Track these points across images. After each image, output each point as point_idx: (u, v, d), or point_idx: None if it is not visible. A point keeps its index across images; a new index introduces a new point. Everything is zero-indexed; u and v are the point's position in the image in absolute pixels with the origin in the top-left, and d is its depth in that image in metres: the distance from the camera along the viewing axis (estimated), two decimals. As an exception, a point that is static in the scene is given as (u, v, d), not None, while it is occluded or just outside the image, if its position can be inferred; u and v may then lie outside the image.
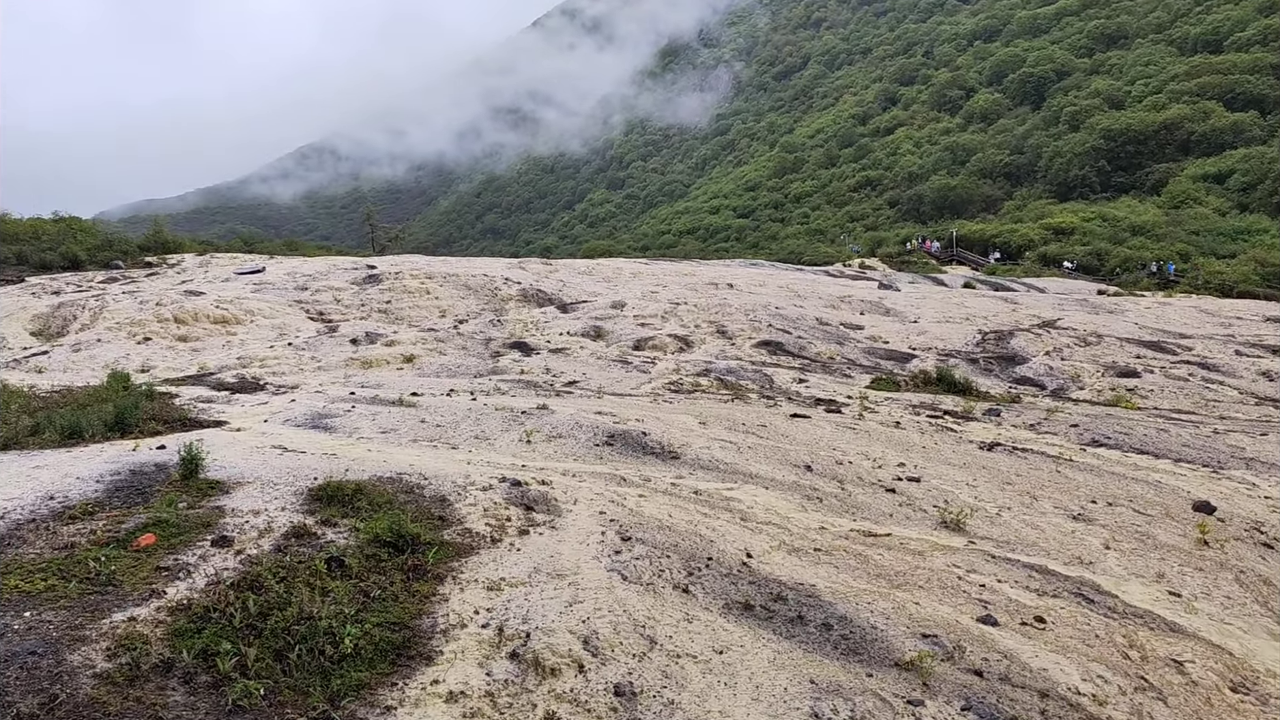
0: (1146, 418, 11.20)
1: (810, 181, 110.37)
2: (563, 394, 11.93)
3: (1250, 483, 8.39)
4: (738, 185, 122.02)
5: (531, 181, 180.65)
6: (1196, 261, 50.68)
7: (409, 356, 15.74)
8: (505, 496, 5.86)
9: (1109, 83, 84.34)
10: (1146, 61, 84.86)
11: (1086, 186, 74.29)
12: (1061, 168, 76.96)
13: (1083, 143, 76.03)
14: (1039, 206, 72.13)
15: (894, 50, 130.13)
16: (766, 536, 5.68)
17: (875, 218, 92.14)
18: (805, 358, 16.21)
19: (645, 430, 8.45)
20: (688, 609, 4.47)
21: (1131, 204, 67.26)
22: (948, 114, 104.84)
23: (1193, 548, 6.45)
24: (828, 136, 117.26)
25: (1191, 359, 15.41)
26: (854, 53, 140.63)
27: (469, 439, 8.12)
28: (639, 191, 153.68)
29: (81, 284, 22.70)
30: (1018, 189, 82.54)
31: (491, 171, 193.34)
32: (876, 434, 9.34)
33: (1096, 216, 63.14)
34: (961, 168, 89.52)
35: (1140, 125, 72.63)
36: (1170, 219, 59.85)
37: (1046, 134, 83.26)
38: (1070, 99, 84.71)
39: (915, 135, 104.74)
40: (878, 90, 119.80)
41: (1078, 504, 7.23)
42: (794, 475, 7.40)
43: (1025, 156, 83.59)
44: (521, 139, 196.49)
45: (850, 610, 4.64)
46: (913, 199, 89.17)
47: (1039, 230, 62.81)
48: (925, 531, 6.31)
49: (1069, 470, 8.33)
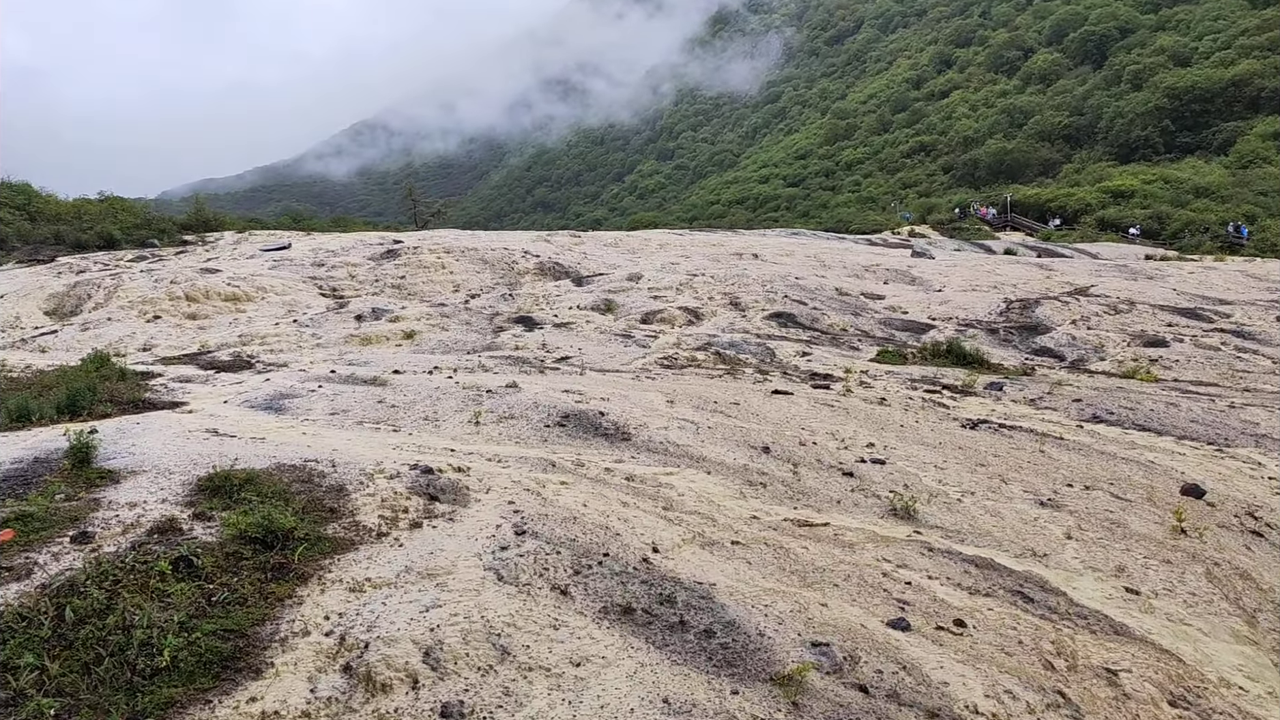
0: (1160, 390, 10.50)
1: (862, 148, 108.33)
2: (547, 370, 11.60)
3: (1256, 462, 7.74)
4: (788, 154, 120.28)
5: (581, 154, 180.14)
6: (1263, 223, 48.52)
7: (409, 333, 15.54)
8: (410, 485, 5.55)
9: (1175, 39, 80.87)
10: (1216, 16, 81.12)
11: (1149, 148, 71.53)
12: (1123, 129, 74.18)
13: (1146, 102, 73.14)
14: (1098, 169, 69.69)
15: (950, 11, 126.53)
16: (684, 528, 5.29)
17: (929, 184, 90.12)
18: (817, 329, 15.65)
19: (604, 410, 8.07)
20: (559, 613, 4.11)
21: (1196, 165, 64.62)
22: (1005, 76, 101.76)
23: (1167, 537, 5.90)
24: (880, 102, 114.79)
25: (1227, 326, 14.50)
26: (909, 15, 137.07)
27: (417, 420, 7.83)
28: (689, 162, 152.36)
29: (109, 263, 22.91)
30: (1077, 152, 79.92)
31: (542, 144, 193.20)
32: (856, 411, 8.84)
33: (1158, 179, 60.76)
34: (1019, 131, 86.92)
35: (1207, 82, 69.57)
36: (1236, 179, 57.34)
37: (1108, 94, 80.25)
38: (1133, 57, 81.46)
39: (971, 98, 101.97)
40: (932, 53, 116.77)
41: (1051, 488, 6.69)
42: (746, 458, 6.97)
43: (1085, 118, 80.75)
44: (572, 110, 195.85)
45: (742, 614, 4.24)
46: (967, 164, 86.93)
47: (1096, 194, 60.70)
48: (869, 520, 5.86)
49: (1055, 450, 7.76)
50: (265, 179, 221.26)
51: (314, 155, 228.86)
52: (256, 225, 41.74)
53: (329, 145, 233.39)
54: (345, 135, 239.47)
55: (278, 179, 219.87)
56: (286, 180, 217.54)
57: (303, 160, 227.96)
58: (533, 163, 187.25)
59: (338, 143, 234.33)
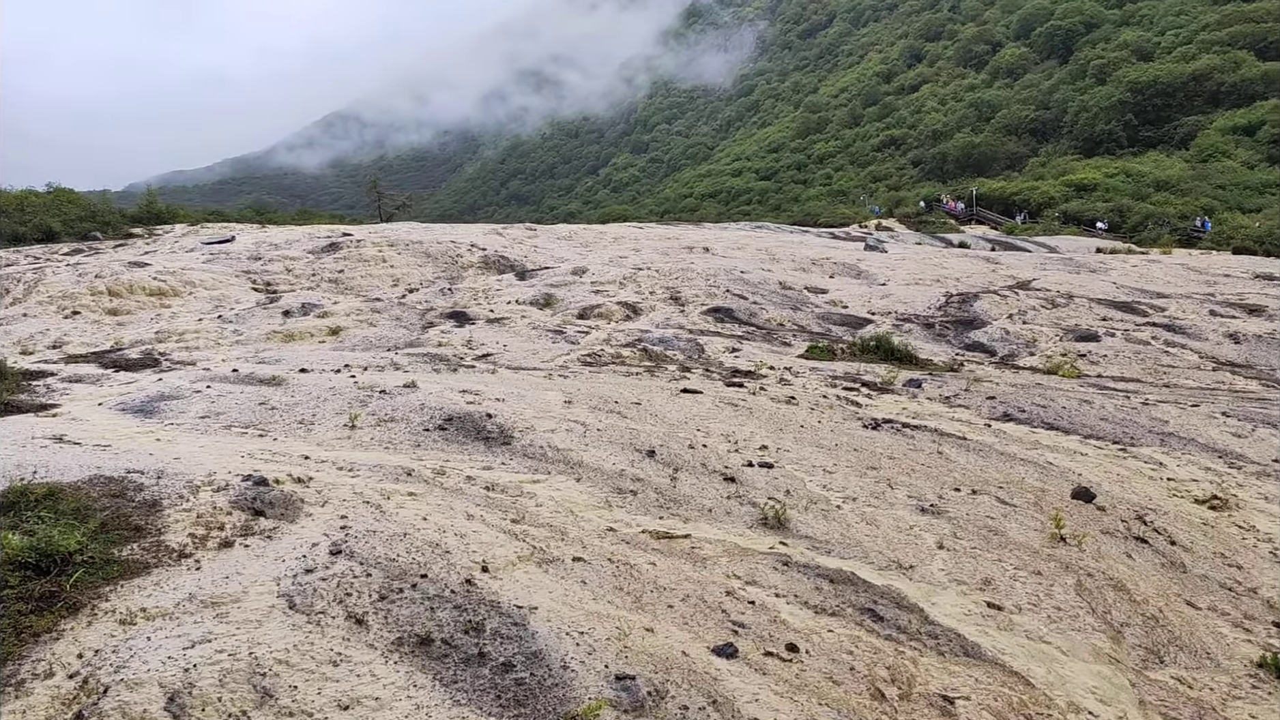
0: (1079, 386, 10.29)
1: (834, 142, 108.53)
2: (461, 368, 11.23)
3: (1158, 462, 7.52)
4: (760, 147, 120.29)
5: (556, 147, 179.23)
6: (1221, 216, 48.83)
7: (335, 329, 15.11)
8: (235, 499, 5.17)
9: (1138, 34, 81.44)
10: (1178, 11, 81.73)
11: (1113, 141, 71.96)
12: (1087, 123, 74.58)
13: (1109, 96, 73.57)
14: (1063, 163, 69.98)
15: (920, 5, 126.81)
16: (525, 544, 4.95)
17: (899, 177, 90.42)
18: (753, 325, 15.37)
19: (492, 412, 7.72)
20: (345, 647, 3.76)
21: (1158, 159, 65.06)
22: (973, 70, 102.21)
23: (1044, 545, 5.64)
24: (852, 95, 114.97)
25: (1160, 320, 14.35)
26: (880, 9, 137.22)
27: (291, 424, 7.45)
28: (663, 155, 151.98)
29: (41, 257, 22.30)
30: (1043, 145, 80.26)
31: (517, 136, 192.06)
32: (760, 411, 8.54)
33: (1120, 172, 61.12)
34: (986, 124, 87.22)
35: (1168, 77, 70.05)
36: (1196, 173, 57.74)
37: (1073, 88, 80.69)
38: (1098, 51, 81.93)
39: (940, 92, 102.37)
40: (903, 47, 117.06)
41: (937, 493, 6.42)
42: (627, 462, 6.65)
43: (1051, 112, 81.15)
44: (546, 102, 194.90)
45: (552, 643, 3.91)
46: (936, 157, 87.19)
47: (1060, 187, 61.03)
48: (736, 531, 5.55)
49: (953, 450, 7.50)
50: (235, 171, 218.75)
51: (285, 147, 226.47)
52: (218, 218, 40.77)
53: (300, 137, 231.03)
54: (317, 127, 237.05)
55: (248, 171, 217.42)
56: (257, 172, 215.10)
57: (274, 152, 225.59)
58: (507, 155, 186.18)
59: (309, 134, 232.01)
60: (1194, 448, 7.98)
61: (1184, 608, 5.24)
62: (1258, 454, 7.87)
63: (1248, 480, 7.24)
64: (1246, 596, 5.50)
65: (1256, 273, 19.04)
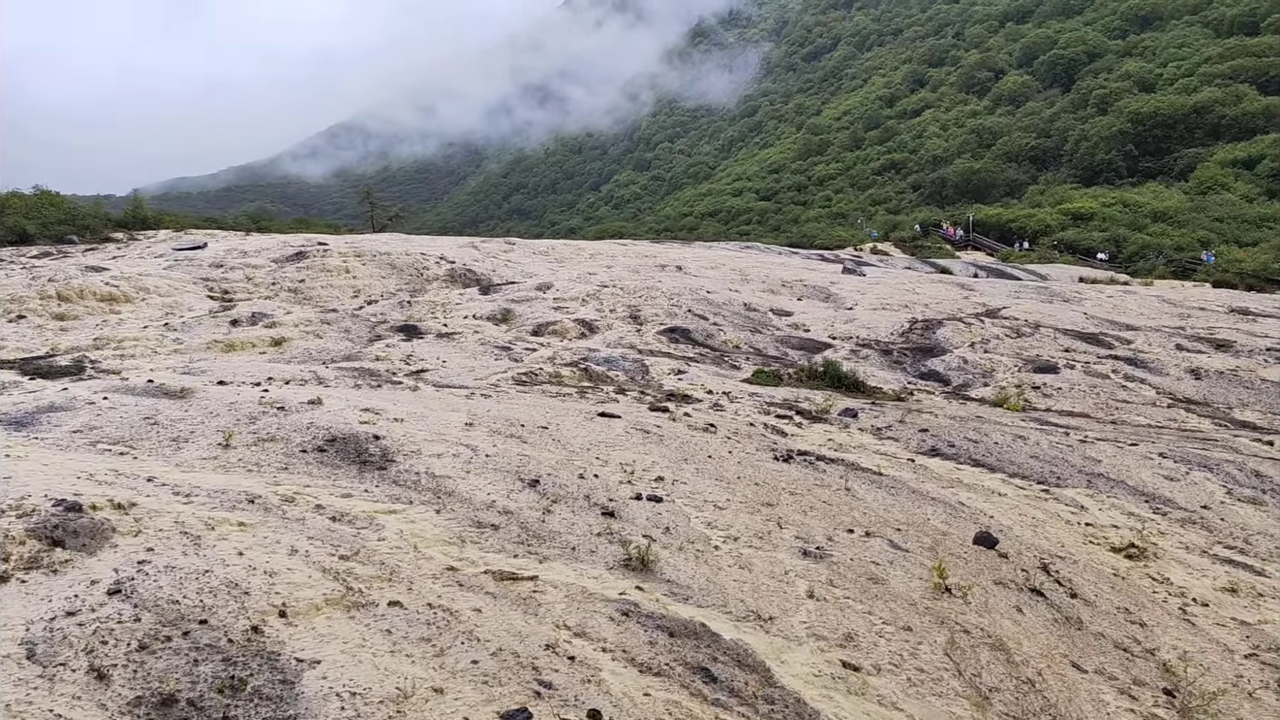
0: (1020, 420, 9.87)
1: (834, 164, 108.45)
2: (388, 385, 10.83)
3: (1079, 505, 7.10)
4: (761, 167, 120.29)
5: (559, 162, 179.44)
6: (1218, 249, 48.48)
7: (278, 340, 14.73)
8: (36, 526, 4.76)
9: (1140, 65, 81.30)
10: (1180, 43, 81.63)
11: (1113, 171, 71.68)
12: (1087, 152, 74.34)
13: (1110, 126, 73.34)
14: (1061, 191, 69.66)
15: (925, 31, 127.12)
16: (342, 585, 4.53)
17: (898, 201, 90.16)
18: (708, 346, 14.97)
19: (383, 434, 7.32)
20: (69, 707, 3.34)
21: (1157, 189, 64.72)
22: (975, 96, 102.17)
23: (924, 597, 5.21)
24: (854, 119, 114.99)
25: (1123, 354, 13.92)
26: (885, 34, 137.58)
27: (162, 443, 7.05)
28: (665, 173, 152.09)
29: (4, 259, 21.97)
30: (1042, 173, 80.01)
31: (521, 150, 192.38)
32: (673, 439, 8.13)
33: (1118, 202, 60.82)
34: (987, 151, 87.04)
35: (1170, 108, 69.82)
36: (1194, 205, 57.39)
37: (1074, 117, 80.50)
38: (1100, 81, 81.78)
39: (942, 118, 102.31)
40: (906, 72, 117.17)
41: (828, 533, 6.00)
42: (502, 493, 6.23)
43: (1052, 140, 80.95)
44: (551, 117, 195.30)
45: (316, 705, 3.49)
46: (935, 182, 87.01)
47: (1056, 216, 60.72)
48: (591, 573, 5.13)
49: (862, 487, 7.08)
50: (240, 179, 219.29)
51: (290, 156, 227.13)
52: (212, 224, 40.46)
53: (305, 146, 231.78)
54: (322, 137, 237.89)
55: (253, 179, 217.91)
56: (261, 180, 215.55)
57: (279, 161, 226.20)
58: (510, 169, 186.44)
59: (314, 144, 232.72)
60: (1121, 490, 7.55)
61: (1068, 670, 4.81)
62: (1186, 499, 7.44)
63: (1171, 528, 6.82)
64: (1142, 659, 5.07)
65: (1232, 306, 18.60)
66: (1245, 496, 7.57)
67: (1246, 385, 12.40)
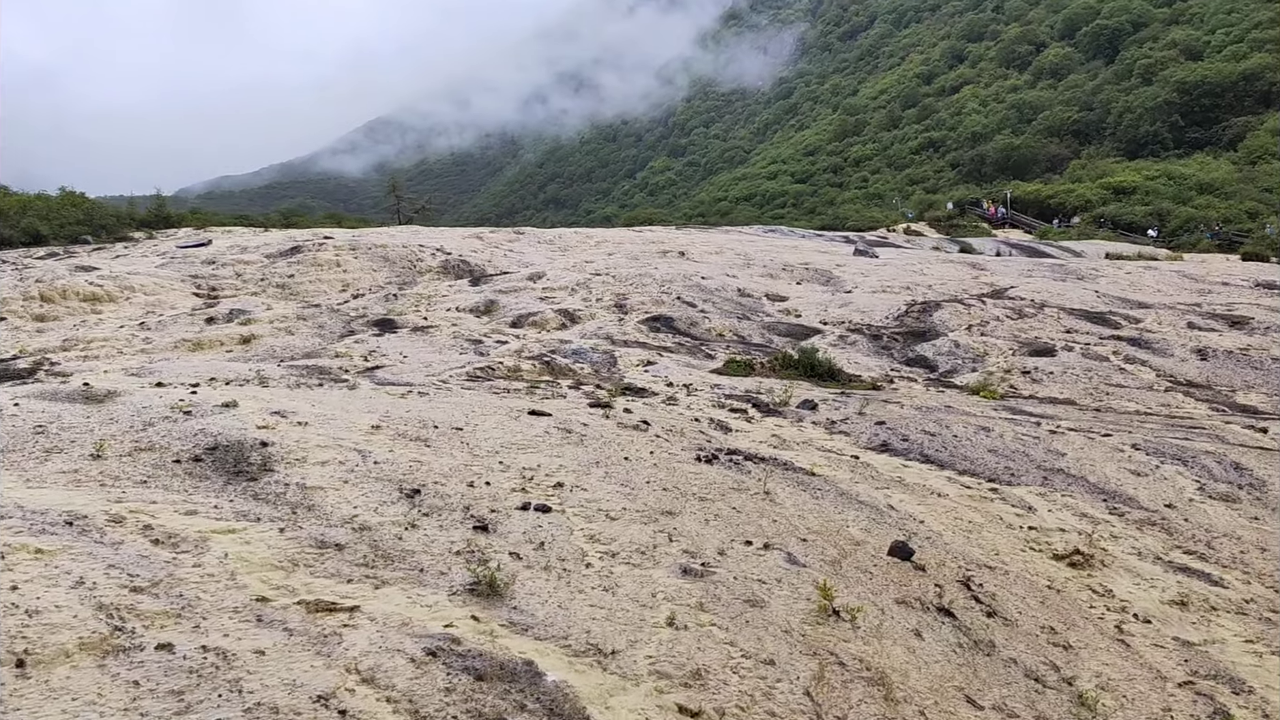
0: (992, 410, 9.12)
1: (871, 144, 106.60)
2: (329, 384, 10.38)
3: (1028, 506, 6.38)
4: (797, 150, 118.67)
5: (594, 150, 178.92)
6: (1265, 219, 46.57)
7: (247, 338, 14.36)
8: None
9: (1187, 32, 78.45)
10: (1229, 9, 78.59)
11: (1158, 143, 69.30)
12: (1131, 124, 71.97)
13: (1155, 97, 70.90)
14: (1104, 165, 67.52)
15: (963, 5, 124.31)
16: (113, 624, 4.01)
17: (936, 180, 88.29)
18: (689, 335, 14.33)
19: (272, 440, 6.82)
20: None
21: (1204, 161, 62.41)
22: (1016, 70, 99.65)
23: (805, 621, 4.57)
24: (891, 97, 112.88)
25: (1128, 334, 13.02)
26: (922, 9, 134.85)
27: (31, 454, 6.61)
28: (700, 158, 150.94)
29: (9, 261, 21.97)
30: (1085, 148, 77.64)
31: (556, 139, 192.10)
32: (594, 439, 7.53)
33: (1161, 174, 58.69)
34: (1028, 126, 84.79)
35: (1217, 76, 67.25)
36: (1242, 175, 55.20)
37: (1118, 89, 77.98)
38: (1144, 51, 79.10)
39: (982, 94, 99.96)
40: (944, 48, 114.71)
41: (721, 547, 5.37)
42: (368, 507, 5.70)
43: (1095, 113, 78.44)
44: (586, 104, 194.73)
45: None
46: (974, 160, 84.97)
47: (1097, 190, 58.80)
48: (429, 600, 4.57)
49: (785, 490, 6.42)
50: (281, 176, 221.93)
51: (329, 152, 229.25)
52: (244, 222, 40.59)
53: (344, 142, 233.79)
54: (360, 132, 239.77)
55: (294, 176, 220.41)
56: (302, 177, 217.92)
57: (318, 157, 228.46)
58: (545, 159, 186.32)
59: (353, 139, 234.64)
60: (1079, 488, 6.81)
61: (959, 707, 4.16)
62: (1150, 497, 6.68)
63: (1126, 530, 6.09)
64: (1055, 690, 4.40)
65: (1258, 280, 17.47)
66: (1219, 493, 6.79)
67: (1255, 366, 11.47)
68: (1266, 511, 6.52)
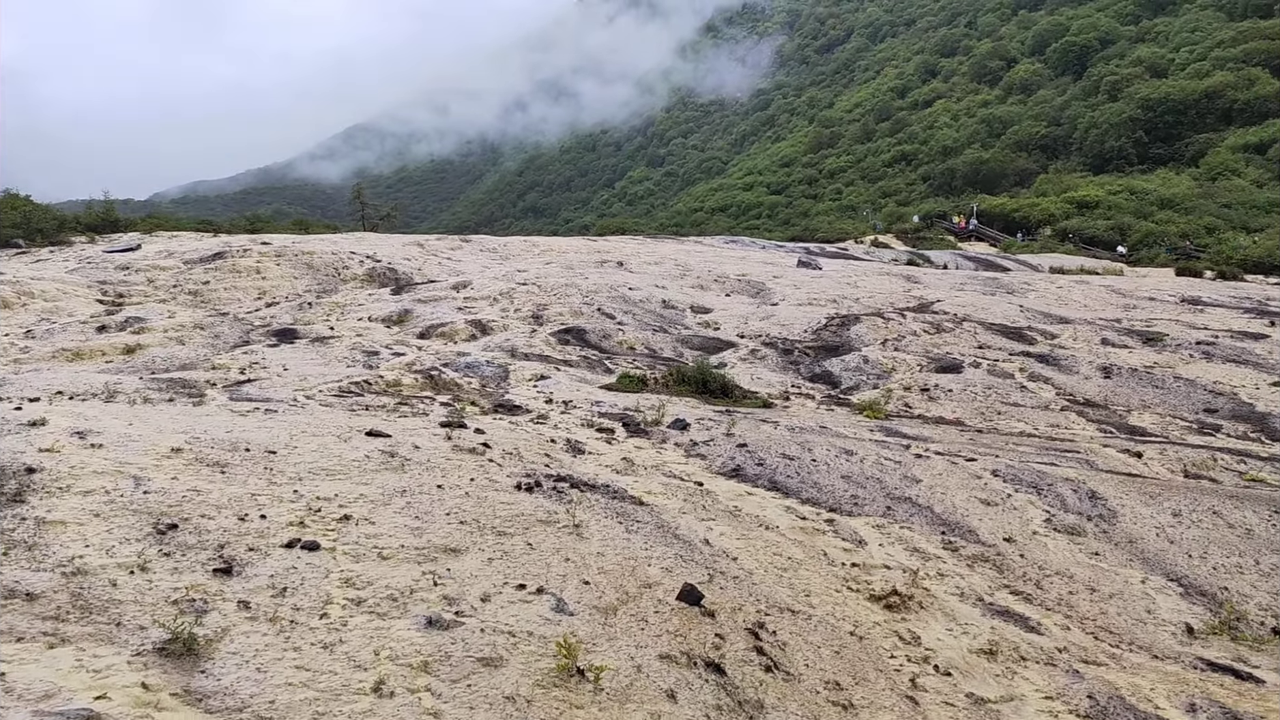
0: (869, 430, 8.63)
1: (845, 157, 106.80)
2: (185, 398, 9.75)
3: (859, 540, 5.88)
4: (773, 161, 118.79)
5: (573, 160, 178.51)
6: (1222, 236, 46.61)
7: (132, 348, 13.70)
8: None
9: (1153, 50, 79.00)
10: (1193, 28, 79.25)
11: (1122, 158, 69.59)
12: (1097, 139, 72.25)
13: (1120, 113, 71.24)
14: (1070, 180, 67.71)
15: (937, 21, 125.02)
16: None
17: (908, 193, 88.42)
18: (598, 349, 13.80)
19: (42, 465, 6.21)
20: None
21: (1167, 176, 62.67)
22: (987, 85, 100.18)
23: (540, 683, 4.02)
24: (865, 110, 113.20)
25: (1040, 350, 12.59)
26: (898, 24, 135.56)
27: None
28: (678, 169, 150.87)
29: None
30: (1052, 162, 77.91)
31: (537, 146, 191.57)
32: (416, 464, 6.97)
33: (1124, 189, 58.84)
34: (997, 140, 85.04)
35: (1180, 94, 67.62)
36: (1202, 191, 55.38)
37: (1085, 104, 78.38)
38: (1111, 68, 79.53)
39: (953, 108, 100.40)
40: (918, 62, 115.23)
41: (485, 592, 4.82)
42: (101, 546, 5.09)
43: (1062, 128, 78.79)
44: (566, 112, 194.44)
45: None
46: (945, 173, 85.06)
47: (1061, 204, 58.86)
48: (104, 662, 3.99)
49: (600, 523, 5.88)
50: (258, 181, 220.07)
51: (308, 157, 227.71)
52: (206, 228, 39.83)
53: (322, 148, 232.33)
54: (339, 138, 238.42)
55: (271, 181, 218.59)
56: (280, 182, 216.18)
57: (296, 162, 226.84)
58: (525, 167, 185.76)
59: (331, 145, 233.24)
60: (921, 519, 6.32)
61: (690, 789, 3.61)
62: (991, 530, 6.19)
63: (955, 567, 5.59)
64: (815, 763, 3.86)
65: (1184, 296, 17.13)
66: (1065, 525, 6.31)
67: (1157, 385, 11.05)
68: (1109, 546, 6.05)
